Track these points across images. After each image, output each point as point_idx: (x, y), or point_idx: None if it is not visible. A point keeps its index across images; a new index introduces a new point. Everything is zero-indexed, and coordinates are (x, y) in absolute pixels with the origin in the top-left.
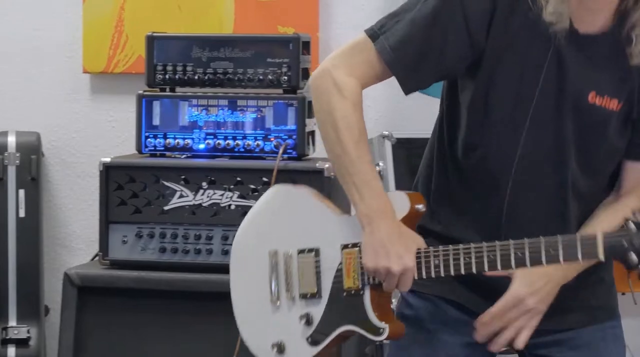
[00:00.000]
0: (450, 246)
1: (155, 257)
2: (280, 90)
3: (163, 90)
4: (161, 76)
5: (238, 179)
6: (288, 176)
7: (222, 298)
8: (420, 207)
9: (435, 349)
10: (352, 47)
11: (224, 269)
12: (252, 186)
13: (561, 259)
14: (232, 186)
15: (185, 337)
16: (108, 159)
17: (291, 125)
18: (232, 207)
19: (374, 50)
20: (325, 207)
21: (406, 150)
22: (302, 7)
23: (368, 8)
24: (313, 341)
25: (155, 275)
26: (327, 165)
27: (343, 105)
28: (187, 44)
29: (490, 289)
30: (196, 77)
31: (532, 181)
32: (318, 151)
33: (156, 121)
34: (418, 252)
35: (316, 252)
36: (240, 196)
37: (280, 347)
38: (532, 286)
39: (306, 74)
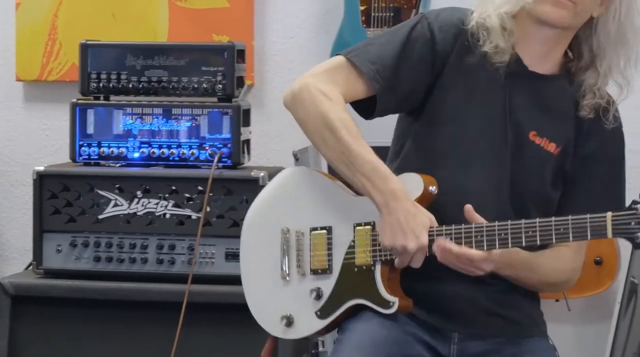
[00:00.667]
0: (462, 224)
1: (90, 266)
2: (215, 99)
3: (97, 98)
4: (95, 84)
5: (173, 187)
6: (223, 185)
7: (157, 307)
8: (433, 188)
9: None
10: (328, 67)
11: (159, 278)
12: (187, 195)
13: (571, 237)
14: (166, 195)
15: (121, 347)
16: (42, 168)
17: (226, 134)
18: (167, 216)
19: (351, 65)
20: (338, 187)
21: None
22: (237, 16)
23: (303, 15)
24: (322, 314)
25: (90, 284)
26: (262, 174)
27: (334, 108)
28: (122, 52)
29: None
30: (130, 86)
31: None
32: (253, 160)
33: (90, 130)
34: (431, 230)
35: (328, 229)
36: (175, 205)
37: (289, 320)
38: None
39: (241, 82)
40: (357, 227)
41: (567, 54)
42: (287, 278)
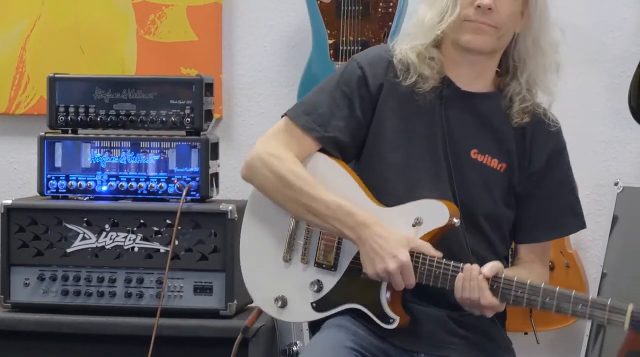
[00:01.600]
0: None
1: (58, 300)
2: (184, 132)
3: (65, 131)
4: (63, 118)
5: (141, 221)
6: (191, 218)
7: (126, 341)
8: (457, 221)
9: None
10: (273, 131)
11: (128, 311)
12: (156, 228)
13: (587, 315)
14: (135, 228)
15: None
16: (9, 201)
17: (194, 167)
18: (135, 249)
19: (291, 122)
20: (363, 191)
21: None
22: (206, 49)
23: (271, 49)
24: (318, 307)
25: (58, 318)
26: (230, 208)
27: (285, 164)
28: (90, 85)
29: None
30: (99, 119)
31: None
32: (221, 193)
33: (58, 163)
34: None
35: None
36: (144, 238)
37: (283, 302)
38: None
39: (209, 115)
40: None
41: (499, 71)
42: (289, 262)
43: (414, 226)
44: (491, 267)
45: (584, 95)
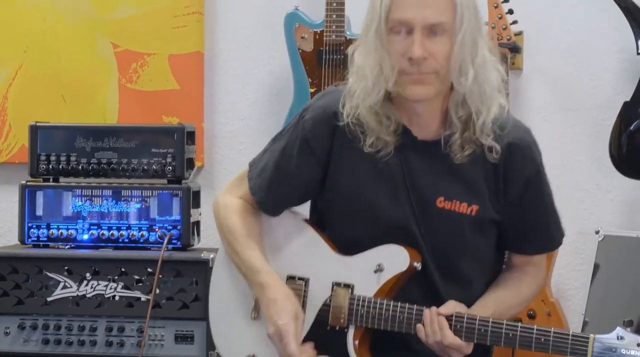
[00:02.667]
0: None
1: (39, 349)
2: (165, 181)
3: (47, 180)
4: (45, 166)
5: (122, 269)
6: (172, 267)
7: None
8: (418, 265)
9: None
10: (236, 177)
11: None
12: (137, 277)
13: (550, 349)
14: (116, 277)
15: None
16: None
17: (176, 216)
18: (117, 297)
19: (247, 175)
20: (325, 242)
21: None
22: (187, 97)
23: (253, 97)
24: None
25: None
26: (212, 256)
27: (225, 215)
28: (71, 133)
29: None
30: (80, 167)
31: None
32: (203, 241)
33: (39, 211)
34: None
35: (306, 282)
36: (125, 287)
37: None
38: None
39: (191, 163)
40: (336, 287)
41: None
42: (257, 319)
43: (375, 272)
44: (448, 306)
45: (566, 143)
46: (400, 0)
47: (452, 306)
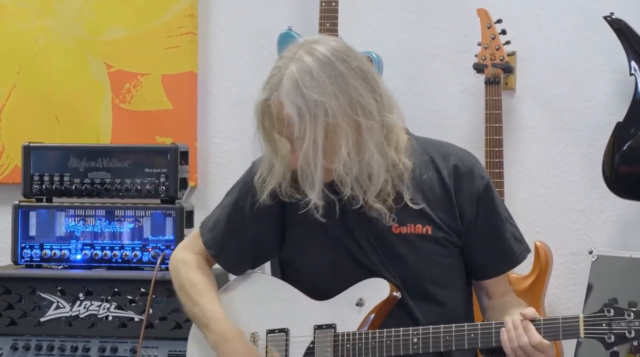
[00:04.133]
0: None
1: None
2: (158, 200)
3: (40, 200)
4: (38, 186)
5: (115, 289)
6: (166, 287)
7: None
8: (397, 294)
9: None
10: (189, 238)
11: None
12: (130, 297)
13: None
14: (109, 297)
15: None
16: None
17: (169, 235)
18: (110, 318)
19: (199, 234)
20: (300, 293)
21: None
22: (181, 117)
23: (246, 117)
24: None
25: None
26: None
27: (185, 270)
28: (64, 154)
29: None
30: (73, 188)
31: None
32: None
33: (32, 232)
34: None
35: (287, 332)
36: (118, 307)
37: None
38: None
39: (184, 184)
40: (318, 330)
41: None
42: None
43: (357, 305)
44: (530, 310)
45: (559, 163)
46: None
47: (533, 311)
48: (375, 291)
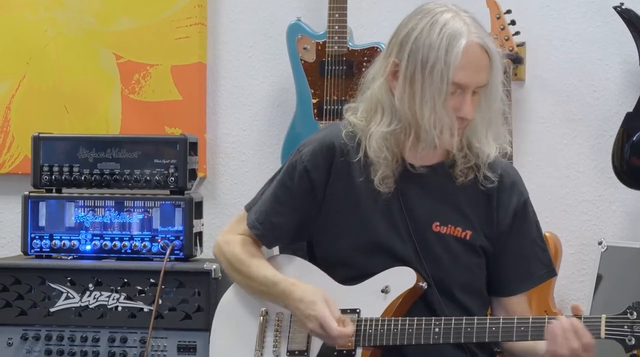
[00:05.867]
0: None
1: None
2: (168, 191)
3: (49, 191)
4: (47, 177)
5: (125, 280)
6: (175, 277)
7: None
8: (423, 284)
9: None
10: (233, 221)
11: None
12: (139, 287)
13: None
14: (118, 287)
15: None
16: None
17: (178, 226)
18: (119, 308)
19: (245, 214)
20: (328, 277)
21: (292, 252)
22: (190, 108)
23: (255, 108)
24: None
25: None
26: (214, 267)
27: (230, 249)
28: (74, 144)
29: None
30: (83, 178)
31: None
32: (205, 252)
33: (42, 222)
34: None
35: None
36: (127, 298)
37: None
38: None
39: (193, 174)
40: (342, 314)
41: None
42: (261, 355)
43: (382, 292)
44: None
45: (568, 154)
46: (462, 64)
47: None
48: (402, 279)
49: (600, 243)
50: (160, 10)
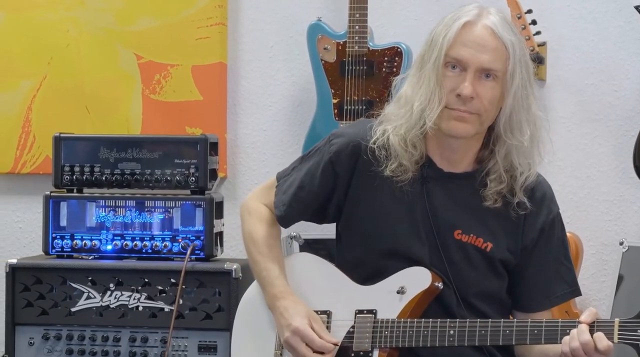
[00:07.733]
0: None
1: None
2: (188, 191)
3: (70, 191)
4: (68, 177)
5: (146, 280)
6: (196, 277)
7: None
8: (439, 285)
9: None
10: (264, 185)
11: None
12: (160, 287)
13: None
14: (139, 287)
15: None
16: (14, 260)
17: (199, 226)
18: (140, 308)
19: (274, 187)
20: (344, 276)
21: (314, 251)
22: (211, 108)
23: (276, 108)
24: None
25: None
26: (235, 267)
27: (250, 222)
28: (95, 144)
29: None
30: (104, 178)
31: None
32: (226, 252)
33: (63, 222)
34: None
35: (328, 314)
36: (148, 297)
37: None
38: None
39: (214, 174)
40: (359, 315)
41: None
42: (281, 354)
43: (398, 293)
44: (591, 312)
45: (589, 154)
46: (462, 39)
47: (594, 313)
48: (417, 280)
49: (621, 243)
50: (180, 11)
